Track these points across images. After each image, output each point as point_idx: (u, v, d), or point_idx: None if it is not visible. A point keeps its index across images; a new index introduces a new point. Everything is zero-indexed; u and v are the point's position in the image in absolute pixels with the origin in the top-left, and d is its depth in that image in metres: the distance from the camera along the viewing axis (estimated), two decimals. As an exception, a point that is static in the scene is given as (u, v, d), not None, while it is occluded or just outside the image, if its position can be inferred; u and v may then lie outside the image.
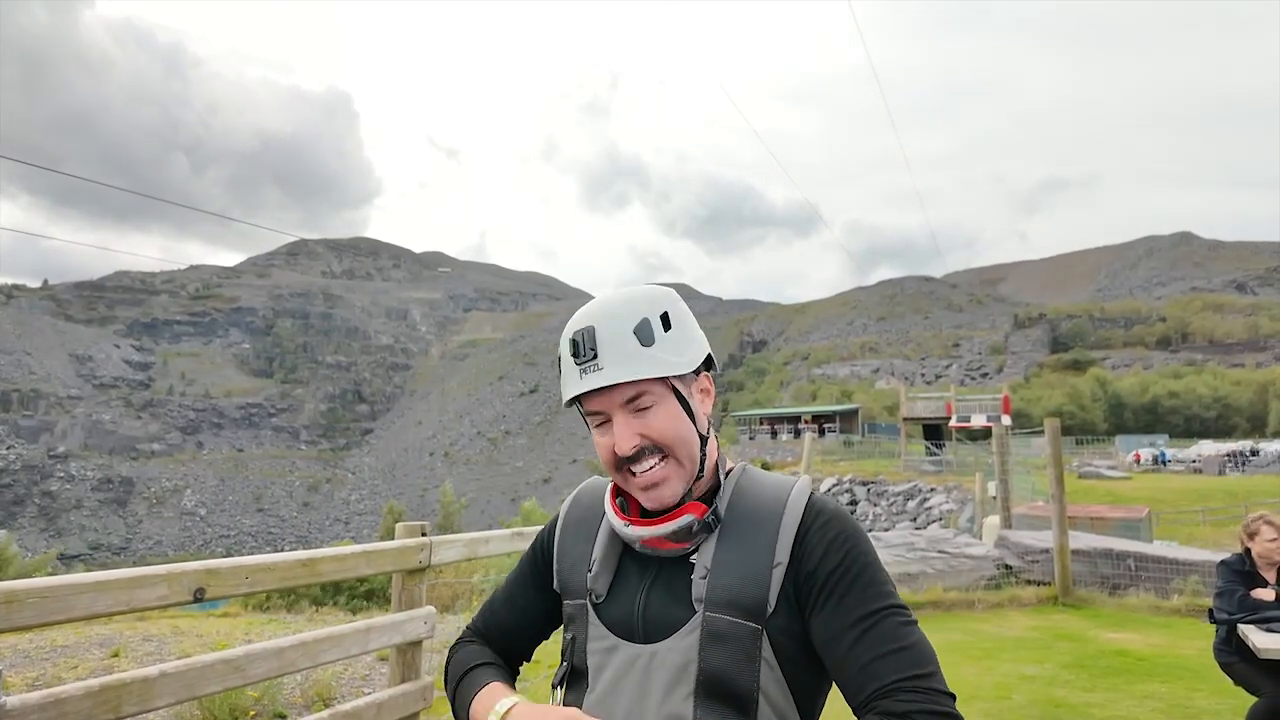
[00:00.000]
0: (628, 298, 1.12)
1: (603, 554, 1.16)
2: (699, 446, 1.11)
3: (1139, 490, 26.50)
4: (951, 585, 8.74)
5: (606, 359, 1.06)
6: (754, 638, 1.01)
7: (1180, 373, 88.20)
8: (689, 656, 1.01)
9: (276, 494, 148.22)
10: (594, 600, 1.14)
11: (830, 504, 1.10)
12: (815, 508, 1.08)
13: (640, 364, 1.06)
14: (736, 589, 1.02)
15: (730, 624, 1.00)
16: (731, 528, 1.08)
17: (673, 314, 1.12)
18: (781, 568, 1.03)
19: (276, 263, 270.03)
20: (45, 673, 6.13)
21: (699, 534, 1.09)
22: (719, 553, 1.06)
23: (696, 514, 1.09)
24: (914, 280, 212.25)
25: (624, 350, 1.06)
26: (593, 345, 1.07)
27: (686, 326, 1.13)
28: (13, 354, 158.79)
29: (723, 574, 1.03)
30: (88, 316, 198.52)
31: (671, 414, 1.08)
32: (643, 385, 1.07)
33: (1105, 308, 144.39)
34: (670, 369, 1.08)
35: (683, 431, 1.09)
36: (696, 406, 1.13)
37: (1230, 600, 3.99)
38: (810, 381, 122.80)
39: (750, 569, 1.02)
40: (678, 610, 1.06)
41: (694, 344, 1.13)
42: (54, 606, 1.86)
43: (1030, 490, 15.37)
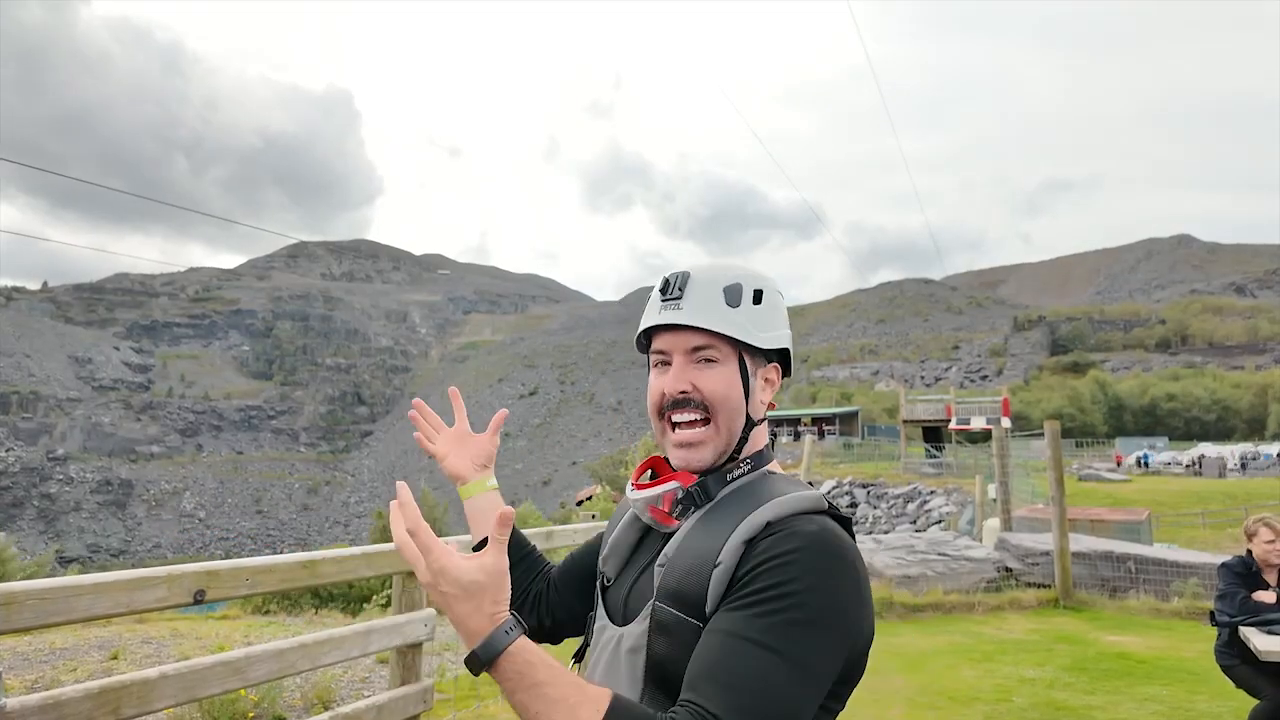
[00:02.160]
0: (731, 265, 1.14)
1: (618, 536, 1.18)
2: (743, 425, 1.10)
3: (1139, 493, 26.50)
4: (952, 588, 8.73)
5: (690, 302, 1.08)
6: (695, 633, 0.96)
7: (1180, 375, 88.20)
8: (640, 644, 1.01)
9: (276, 496, 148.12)
10: (604, 583, 1.18)
11: (816, 524, 0.97)
12: (791, 522, 0.97)
13: (719, 319, 1.08)
14: (678, 583, 0.99)
15: (674, 617, 0.98)
16: (709, 518, 1.05)
17: (767, 295, 1.13)
18: (722, 569, 0.95)
19: (276, 265, 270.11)
20: (44, 675, 6.12)
21: (683, 505, 1.08)
22: (682, 542, 1.03)
23: (683, 483, 1.09)
24: (913, 283, 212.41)
25: (708, 301, 1.08)
26: (682, 286, 1.10)
27: (776, 313, 1.15)
28: (12, 356, 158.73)
29: (675, 565, 1.01)
30: (87, 319, 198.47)
31: (728, 378, 1.09)
32: (714, 339, 1.08)
33: (1105, 310, 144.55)
34: (744, 335, 1.09)
35: (732, 399, 1.09)
36: (756, 389, 1.12)
37: (1231, 603, 3.99)
38: (810, 384, 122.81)
39: (694, 564, 0.99)
40: (645, 595, 1.05)
41: (777, 331, 1.14)
42: (53, 608, 1.86)
43: (1030, 493, 15.34)
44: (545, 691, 0.82)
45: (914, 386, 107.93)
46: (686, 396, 1.08)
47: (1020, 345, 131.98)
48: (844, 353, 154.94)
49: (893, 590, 8.41)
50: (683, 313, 1.08)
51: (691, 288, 1.10)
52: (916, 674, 5.91)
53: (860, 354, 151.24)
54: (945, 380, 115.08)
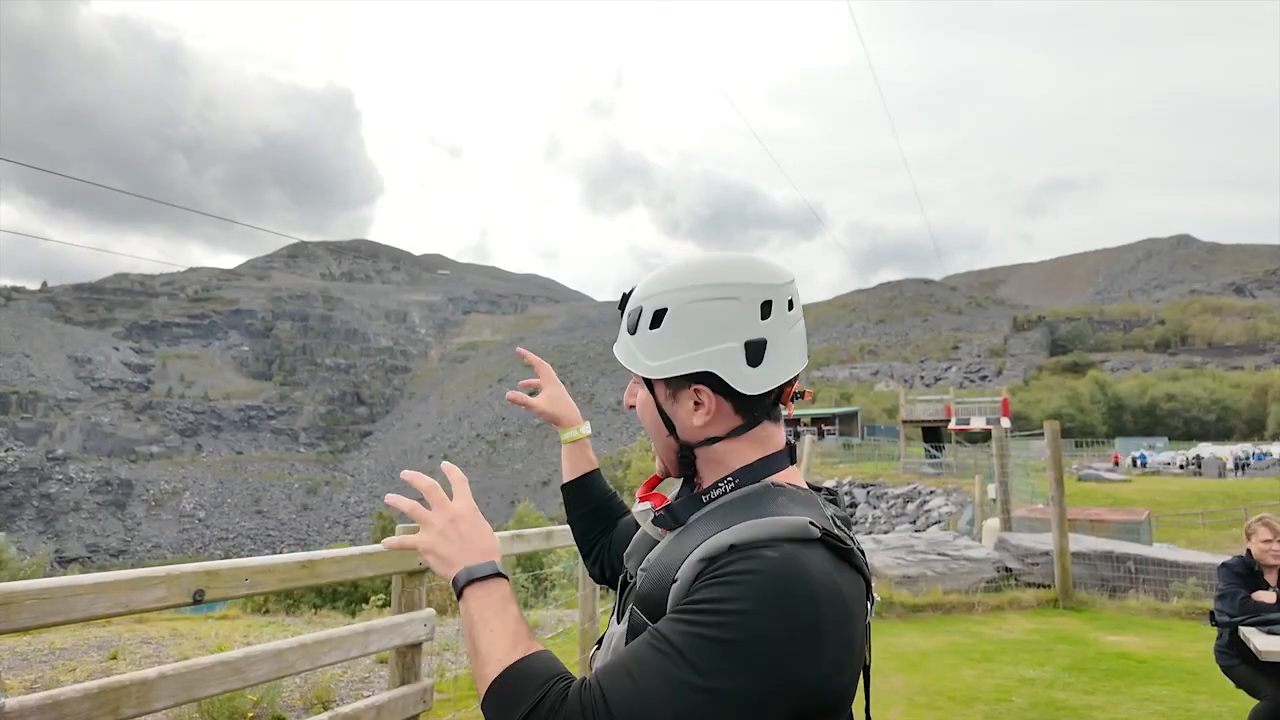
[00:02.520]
0: (661, 279, 1.07)
1: (638, 537, 1.18)
2: (672, 448, 1.09)
3: (1138, 493, 26.52)
4: (951, 588, 8.72)
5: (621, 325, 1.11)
6: None
7: (1179, 375, 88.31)
8: (621, 643, 1.03)
9: (275, 496, 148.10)
10: (628, 579, 1.17)
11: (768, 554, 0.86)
12: (752, 550, 0.87)
13: (622, 348, 1.10)
14: (649, 590, 1.00)
15: (641, 622, 0.99)
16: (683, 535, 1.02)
17: (673, 314, 1.02)
18: (678, 585, 0.92)
19: (276, 265, 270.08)
20: (43, 675, 6.12)
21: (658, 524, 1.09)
22: (659, 554, 1.04)
23: (654, 504, 1.12)
24: (913, 283, 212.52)
25: (621, 328, 1.11)
26: (622, 305, 1.12)
27: (685, 335, 1.01)
28: (12, 356, 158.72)
29: (649, 574, 1.02)
30: (87, 319, 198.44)
31: (645, 403, 1.11)
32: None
33: (1104, 310, 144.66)
34: (634, 365, 1.07)
35: (648, 421, 1.11)
36: (680, 414, 1.06)
37: (1231, 603, 3.99)
38: (809, 384, 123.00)
39: (660, 575, 0.99)
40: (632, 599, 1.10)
41: (682, 352, 1.01)
42: (52, 608, 1.85)
43: (1030, 493, 15.34)
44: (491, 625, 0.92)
45: (913, 386, 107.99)
46: (633, 409, 1.13)
47: (1020, 345, 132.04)
48: (844, 353, 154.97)
49: (892, 590, 8.41)
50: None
51: (625, 311, 1.10)
52: (916, 674, 5.90)
53: (860, 354, 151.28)
54: (945, 380, 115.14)
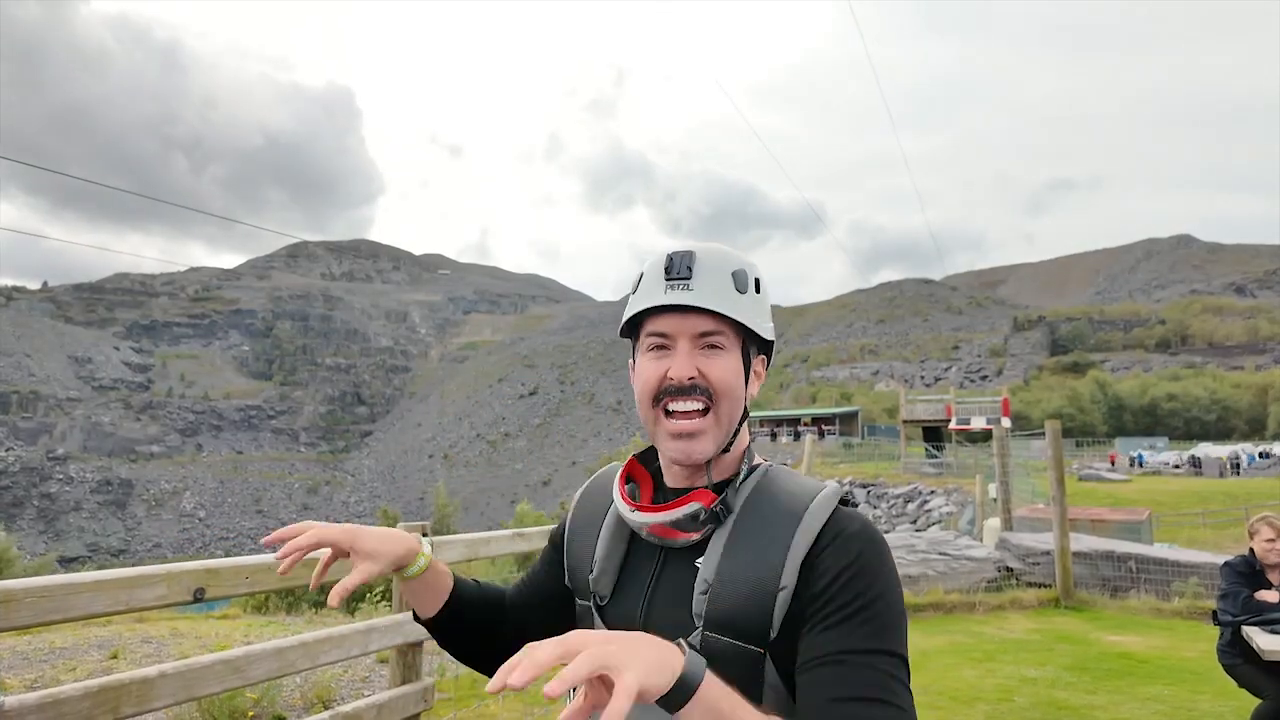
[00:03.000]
0: (728, 249, 1.07)
1: (606, 550, 1.10)
2: (740, 417, 1.05)
3: (1139, 493, 26.50)
4: (952, 587, 8.71)
5: (699, 284, 1.01)
6: (756, 662, 0.92)
7: (1180, 375, 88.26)
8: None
9: (276, 496, 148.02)
10: (598, 603, 1.08)
11: (855, 520, 0.98)
12: (836, 526, 0.96)
13: (731, 303, 1.02)
14: (735, 611, 0.93)
15: (730, 646, 0.92)
16: (742, 533, 0.99)
17: (762, 285, 1.08)
18: (787, 591, 0.92)
19: (276, 265, 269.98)
20: (44, 674, 6.11)
21: (705, 524, 1.01)
22: (724, 563, 0.96)
23: (704, 502, 1.01)
24: (913, 283, 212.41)
25: (719, 285, 1.02)
26: (690, 265, 1.02)
27: (768, 304, 1.10)
28: (12, 356, 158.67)
29: (724, 590, 0.94)
30: (87, 318, 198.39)
31: (733, 367, 1.03)
32: (723, 325, 1.02)
33: (1104, 310, 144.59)
34: (754, 324, 1.04)
35: (736, 389, 1.03)
36: (751, 382, 1.08)
37: (1234, 602, 3.97)
38: (810, 384, 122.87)
39: (753, 590, 0.93)
40: (679, 624, 0.97)
41: (770, 320, 1.10)
42: (51, 606, 1.84)
43: (1031, 492, 15.34)
44: (739, 713, 0.75)
45: (914, 386, 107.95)
46: (694, 383, 1.01)
47: (1020, 345, 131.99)
48: (844, 353, 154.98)
49: (893, 590, 8.39)
50: (693, 294, 1.01)
51: (700, 268, 1.02)
52: (917, 674, 5.88)
53: (860, 354, 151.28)
54: (945, 380, 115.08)
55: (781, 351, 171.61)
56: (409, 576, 1.11)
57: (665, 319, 1.03)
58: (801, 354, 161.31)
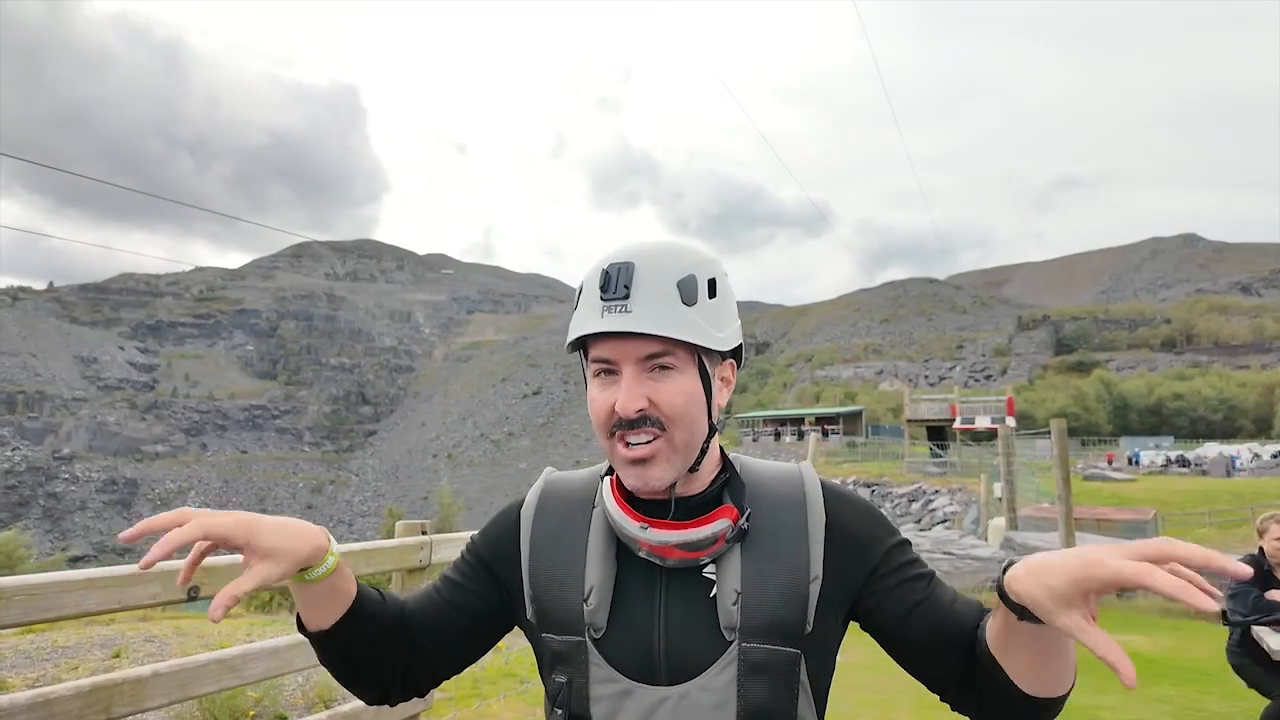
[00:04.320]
0: (678, 249, 0.95)
1: (600, 576, 0.95)
2: (704, 436, 0.94)
3: (1145, 492, 26.39)
4: (957, 587, 8.65)
5: (639, 303, 0.88)
6: (793, 664, 0.88)
7: (1185, 374, 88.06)
8: (726, 695, 0.86)
9: (280, 496, 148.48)
10: (594, 635, 0.94)
11: (835, 486, 1.01)
12: (832, 501, 0.98)
13: (675, 321, 0.89)
14: (774, 613, 0.88)
15: (769, 653, 0.87)
16: (755, 537, 0.93)
17: (720, 283, 0.95)
18: (819, 581, 0.90)
19: (281, 265, 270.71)
20: (46, 673, 6.12)
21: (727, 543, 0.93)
22: (750, 569, 0.90)
23: (731, 519, 0.93)
24: (918, 282, 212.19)
25: (661, 299, 0.89)
26: (627, 283, 0.89)
27: (730, 303, 0.98)
28: (18, 356, 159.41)
29: (758, 596, 0.88)
30: (92, 318, 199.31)
31: (688, 389, 0.91)
32: (671, 345, 0.90)
33: (1109, 309, 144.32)
34: (705, 339, 0.91)
35: (693, 413, 0.92)
36: (715, 392, 0.97)
37: (1244, 602, 3.93)
38: (814, 383, 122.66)
39: (788, 588, 0.89)
40: (705, 641, 0.89)
41: (733, 324, 0.97)
42: (43, 604, 1.81)
43: (1035, 492, 15.28)
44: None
45: (918, 386, 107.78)
46: (644, 414, 0.90)
47: (1025, 345, 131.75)
48: (848, 352, 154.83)
49: (898, 589, 8.36)
50: (632, 316, 0.88)
51: (639, 284, 0.89)
52: (922, 674, 5.84)
53: (864, 354, 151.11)
54: (949, 380, 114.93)
55: (785, 351, 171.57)
56: (312, 579, 0.91)
57: (607, 344, 0.91)
58: (805, 353, 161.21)
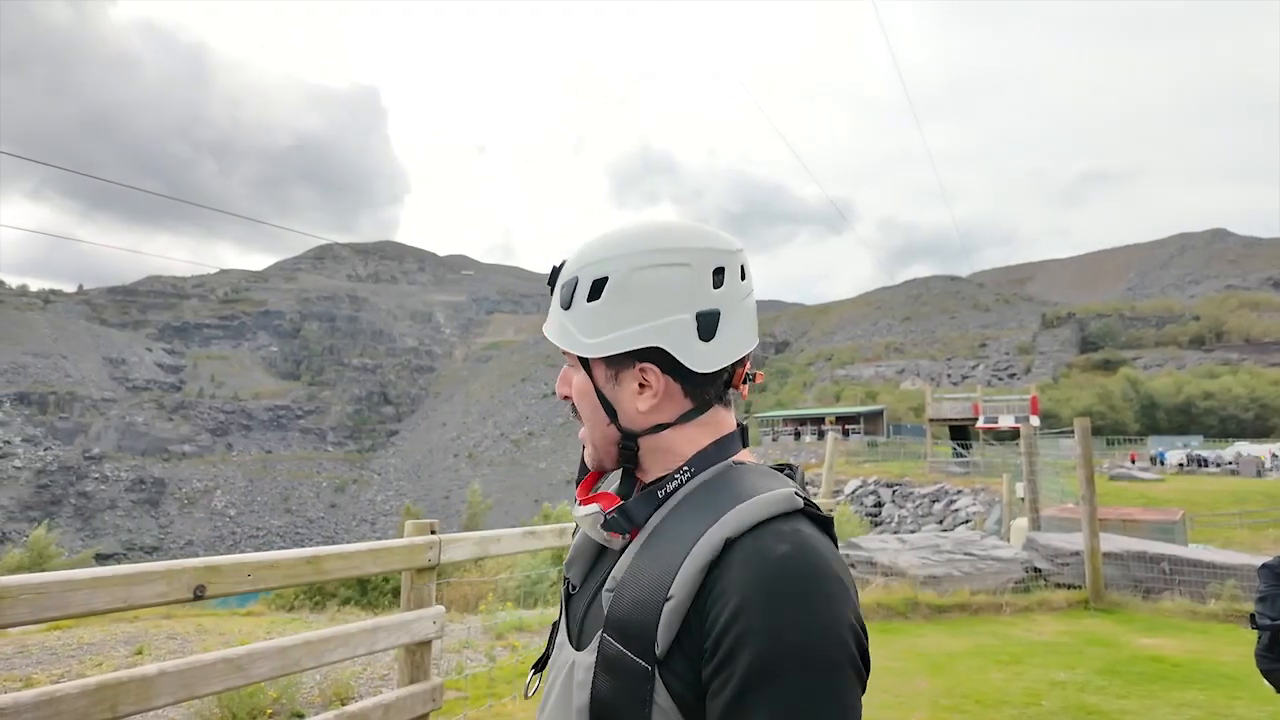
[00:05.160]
0: (599, 245, 0.93)
1: (579, 541, 1.03)
2: (613, 439, 0.93)
3: (1173, 493, 25.92)
4: (978, 588, 8.54)
5: (552, 301, 0.98)
6: (643, 678, 0.78)
7: (1215, 372, 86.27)
8: (587, 676, 0.84)
9: (304, 495, 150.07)
10: (570, 590, 1.01)
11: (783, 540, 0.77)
12: (756, 543, 0.77)
13: (554, 325, 0.96)
14: (627, 615, 0.81)
15: (620, 654, 0.80)
16: (654, 539, 0.86)
17: (614, 283, 0.89)
18: (674, 604, 0.77)
19: (303, 267, 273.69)
20: (70, 669, 6.22)
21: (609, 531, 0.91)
22: (632, 565, 0.85)
23: (602, 505, 0.91)
24: (940, 280, 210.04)
25: (553, 303, 0.97)
26: (552, 281, 0.98)
27: (628, 305, 0.88)
28: (50, 357, 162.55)
29: (623, 594, 0.83)
30: (121, 320, 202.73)
31: (580, 388, 0.95)
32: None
33: (1136, 306, 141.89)
34: (570, 344, 0.93)
35: (587, 410, 0.95)
36: (622, 398, 0.91)
37: (1273, 605, 3.80)
38: (834, 383, 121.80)
39: (642, 595, 0.81)
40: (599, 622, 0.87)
41: (625, 328, 0.88)
42: (49, 603, 1.82)
43: (1060, 492, 15.03)
44: None
45: (940, 385, 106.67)
46: (568, 399, 0.98)
47: (1049, 343, 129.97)
48: (869, 351, 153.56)
49: (918, 590, 8.25)
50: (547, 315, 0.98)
51: (559, 284, 0.96)
52: (942, 676, 5.77)
53: (885, 352, 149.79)
54: (972, 379, 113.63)
55: (805, 350, 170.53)
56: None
57: None
58: (826, 352, 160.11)
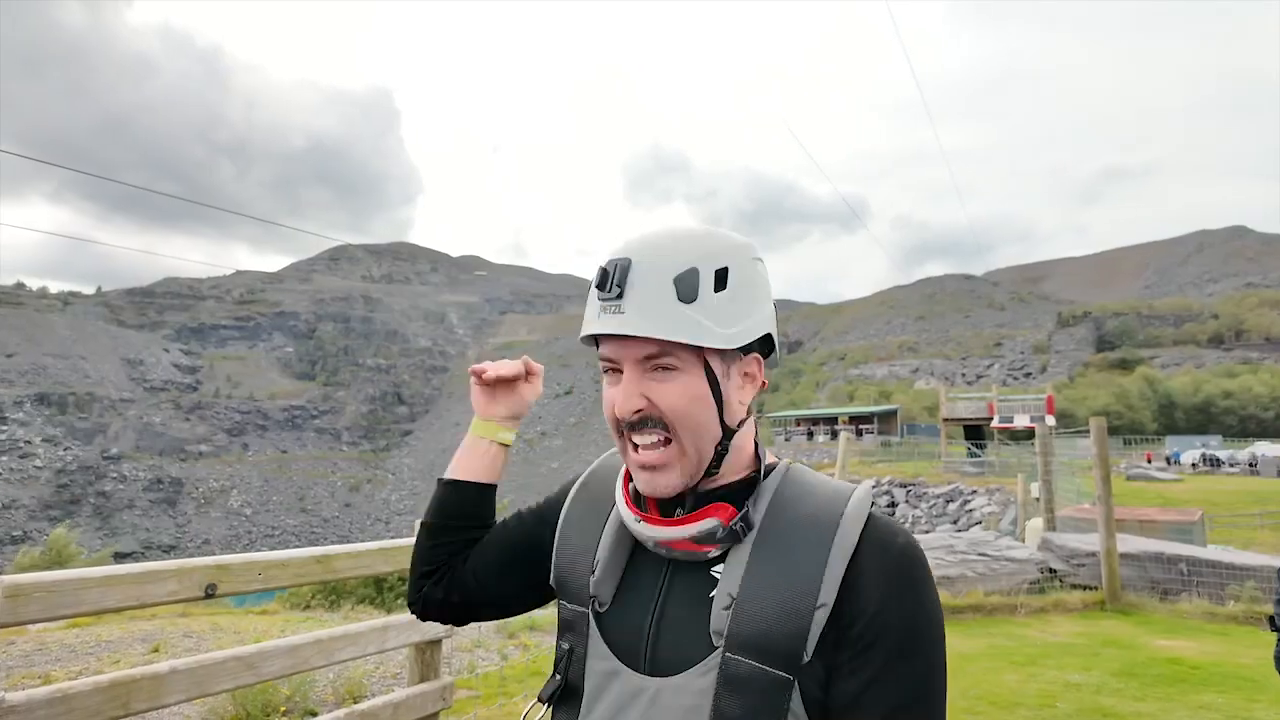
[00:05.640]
0: (686, 237, 0.89)
1: (610, 552, 0.95)
2: (715, 440, 0.89)
3: (1191, 493, 25.60)
4: (993, 589, 8.47)
5: (632, 303, 0.85)
6: (782, 689, 0.79)
7: (1234, 371, 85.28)
8: (700, 703, 0.81)
9: (319, 494, 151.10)
10: (596, 609, 0.93)
11: (894, 530, 0.86)
12: (876, 535, 0.84)
13: (670, 321, 0.84)
14: (766, 631, 0.80)
15: (755, 670, 0.79)
16: (768, 545, 0.85)
17: (735, 273, 0.88)
18: (826, 609, 0.79)
19: (318, 268, 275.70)
20: (89, 666, 6.29)
21: (724, 541, 0.87)
22: (750, 577, 0.83)
23: (722, 518, 0.87)
24: (954, 278, 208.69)
25: (656, 299, 0.84)
26: (621, 282, 0.85)
27: (748, 293, 0.89)
28: (69, 359, 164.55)
29: (752, 608, 0.81)
30: (139, 322, 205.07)
31: (691, 391, 0.86)
32: (670, 345, 0.85)
33: (1154, 305, 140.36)
34: (706, 338, 0.85)
35: (697, 415, 0.87)
36: (731, 392, 0.90)
37: (1293, 607, 3.76)
38: (847, 382, 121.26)
39: (787, 608, 0.80)
40: (693, 640, 0.85)
41: (751, 317, 0.89)
42: (60, 601, 1.84)
43: (1076, 492, 14.89)
44: None
45: (955, 384, 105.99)
46: (642, 415, 0.87)
47: (1065, 341, 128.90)
48: (882, 350, 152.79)
49: (931, 591, 8.19)
50: (623, 318, 0.85)
51: (633, 282, 0.85)
52: (956, 678, 5.72)
53: (899, 352, 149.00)
54: (987, 378, 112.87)
55: (818, 350, 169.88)
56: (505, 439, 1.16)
57: (606, 343, 0.89)
58: (839, 352, 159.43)
